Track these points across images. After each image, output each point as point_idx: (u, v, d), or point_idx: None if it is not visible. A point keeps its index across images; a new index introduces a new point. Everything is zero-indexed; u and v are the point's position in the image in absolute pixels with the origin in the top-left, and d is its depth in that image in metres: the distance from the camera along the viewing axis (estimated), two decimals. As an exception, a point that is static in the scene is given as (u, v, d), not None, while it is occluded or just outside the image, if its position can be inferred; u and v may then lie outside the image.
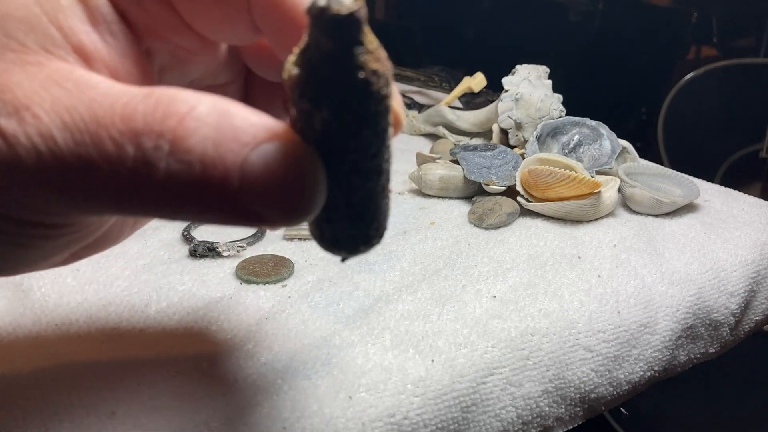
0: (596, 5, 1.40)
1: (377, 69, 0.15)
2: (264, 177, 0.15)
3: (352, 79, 0.15)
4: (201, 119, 0.15)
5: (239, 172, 0.15)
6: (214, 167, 0.15)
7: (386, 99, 0.16)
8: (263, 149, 0.15)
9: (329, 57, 0.14)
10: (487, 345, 0.33)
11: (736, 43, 1.35)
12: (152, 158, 0.14)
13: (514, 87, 0.59)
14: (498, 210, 0.47)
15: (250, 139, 0.15)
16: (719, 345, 0.44)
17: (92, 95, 0.15)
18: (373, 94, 0.15)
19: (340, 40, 0.14)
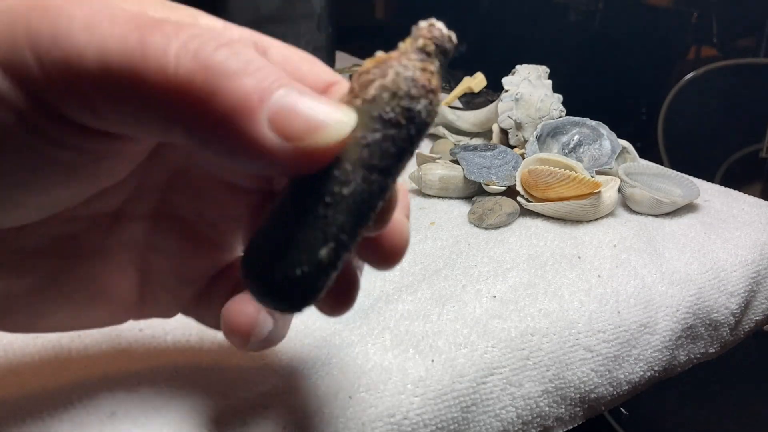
0: (596, 5, 1.40)
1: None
2: (294, 119, 0.15)
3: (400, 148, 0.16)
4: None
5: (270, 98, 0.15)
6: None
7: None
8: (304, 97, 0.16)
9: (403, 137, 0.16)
10: (487, 345, 0.33)
11: (736, 43, 1.35)
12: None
13: (514, 87, 0.59)
14: (498, 210, 0.47)
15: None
16: (719, 345, 0.44)
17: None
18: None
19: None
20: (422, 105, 0.16)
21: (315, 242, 0.16)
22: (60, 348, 0.30)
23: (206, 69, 0.15)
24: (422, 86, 0.16)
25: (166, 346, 0.31)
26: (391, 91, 0.16)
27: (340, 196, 0.16)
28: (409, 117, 0.16)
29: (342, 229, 0.16)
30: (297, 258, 0.16)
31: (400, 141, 0.16)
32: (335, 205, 0.16)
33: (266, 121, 0.15)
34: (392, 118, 0.16)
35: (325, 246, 0.16)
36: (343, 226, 0.16)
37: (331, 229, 0.16)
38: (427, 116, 0.16)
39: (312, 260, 0.16)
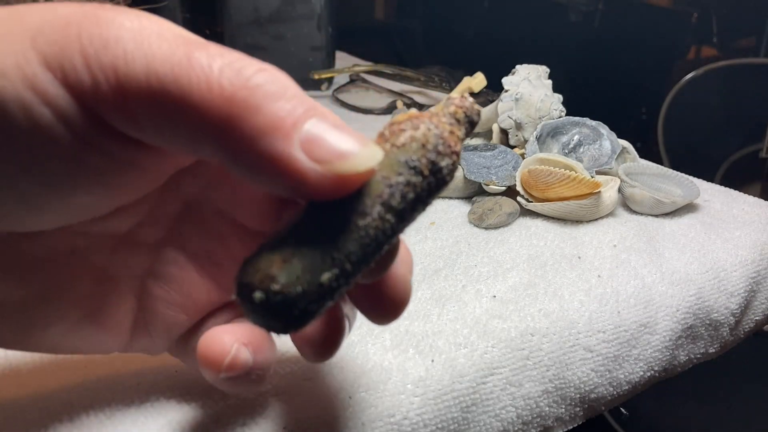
0: (596, 5, 1.40)
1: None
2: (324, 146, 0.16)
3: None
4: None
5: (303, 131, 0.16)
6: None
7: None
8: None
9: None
10: (487, 345, 0.33)
11: (736, 43, 1.35)
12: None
13: (514, 87, 0.59)
14: (498, 210, 0.47)
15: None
16: (719, 345, 0.44)
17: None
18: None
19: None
20: (446, 163, 0.18)
21: (321, 264, 0.16)
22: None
23: (247, 87, 0.16)
24: (448, 146, 0.18)
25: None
26: (420, 142, 0.17)
27: (354, 226, 0.17)
28: (432, 170, 0.17)
29: (348, 259, 0.17)
30: (300, 275, 0.16)
31: (420, 190, 0.17)
32: (348, 234, 0.17)
33: (298, 144, 0.16)
34: (417, 167, 0.17)
35: (329, 271, 0.16)
36: (350, 256, 0.17)
37: (338, 256, 0.16)
38: (447, 175, 0.18)
39: (313, 281, 0.16)
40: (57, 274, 0.21)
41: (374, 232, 0.17)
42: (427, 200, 0.18)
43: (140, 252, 0.23)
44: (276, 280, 0.16)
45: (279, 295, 0.16)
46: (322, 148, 0.16)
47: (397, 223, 0.17)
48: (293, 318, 0.17)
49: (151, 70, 0.16)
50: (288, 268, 0.16)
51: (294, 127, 0.16)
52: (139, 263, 0.23)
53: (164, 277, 0.24)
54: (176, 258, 0.24)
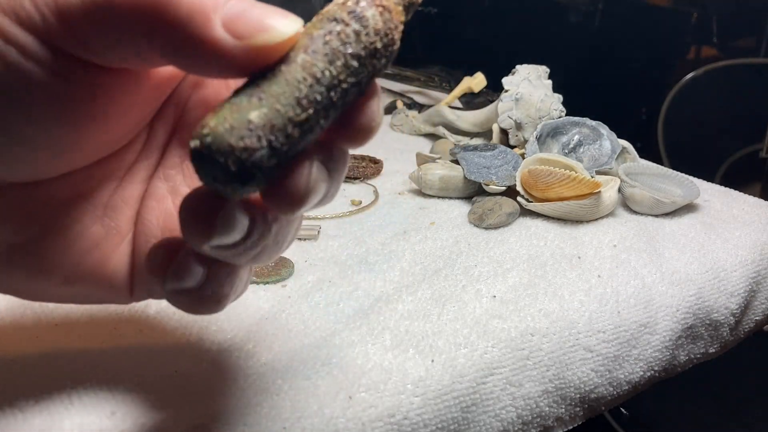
0: (596, 5, 1.40)
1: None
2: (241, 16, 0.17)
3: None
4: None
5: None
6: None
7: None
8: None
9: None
10: (487, 345, 0.33)
11: (736, 43, 1.34)
12: None
13: (514, 87, 0.59)
14: (498, 210, 0.47)
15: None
16: (719, 345, 0.44)
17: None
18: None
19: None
20: (370, 12, 0.18)
21: (248, 105, 0.17)
22: (60, 348, 0.30)
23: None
24: (371, 0, 0.18)
25: (166, 346, 0.31)
26: (340, 2, 0.18)
27: (278, 72, 0.17)
28: (354, 17, 0.18)
29: (276, 98, 0.17)
30: (228, 115, 0.17)
31: (345, 36, 0.18)
32: (272, 78, 0.17)
33: (220, 24, 0.17)
34: (337, 17, 0.18)
35: (258, 109, 0.17)
36: (278, 96, 0.17)
37: (264, 96, 0.17)
38: (376, 23, 0.18)
39: (242, 118, 0.17)
40: (60, 217, 0.22)
41: (301, 75, 0.17)
42: (362, 48, 0.18)
43: (135, 189, 0.24)
44: (207, 125, 0.17)
45: (209, 136, 0.17)
46: (242, 24, 0.17)
47: (329, 67, 0.17)
48: (232, 159, 0.17)
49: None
50: (217, 114, 0.17)
51: (214, 10, 0.17)
52: (133, 201, 0.24)
53: (146, 210, 0.25)
54: (159, 190, 0.25)
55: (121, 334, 0.32)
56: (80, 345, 0.31)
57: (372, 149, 0.62)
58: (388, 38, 0.18)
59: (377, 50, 0.18)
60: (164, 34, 0.17)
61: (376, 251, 0.43)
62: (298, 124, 0.17)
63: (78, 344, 0.31)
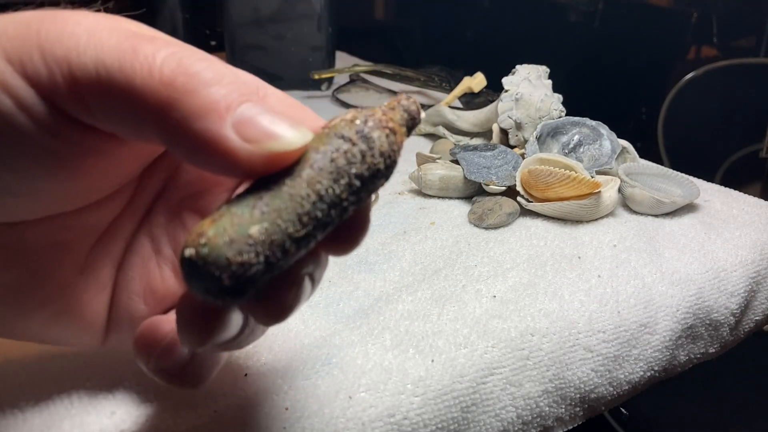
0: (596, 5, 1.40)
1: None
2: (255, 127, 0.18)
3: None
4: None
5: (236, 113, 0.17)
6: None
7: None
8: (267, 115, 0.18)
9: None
10: (487, 345, 0.33)
11: (736, 43, 1.34)
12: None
13: (514, 87, 0.59)
14: (498, 210, 0.47)
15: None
16: (719, 345, 0.44)
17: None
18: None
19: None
20: (377, 134, 0.18)
21: (249, 218, 0.17)
22: (60, 348, 0.30)
23: (186, 74, 0.17)
24: (379, 120, 0.19)
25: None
26: (348, 119, 0.18)
27: (283, 186, 0.17)
28: (361, 136, 0.18)
29: (278, 213, 0.17)
30: (228, 228, 0.16)
31: (351, 155, 0.18)
32: (276, 192, 0.17)
33: (231, 125, 0.17)
34: (345, 135, 0.18)
35: (259, 224, 0.17)
36: (280, 211, 0.17)
37: (266, 210, 0.17)
38: (382, 145, 0.18)
39: (241, 232, 0.16)
40: (40, 263, 0.22)
41: (305, 191, 0.17)
42: (363, 168, 0.18)
43: (118, 243, 0.24)
44: (204, 235, 0.16)
45: (206, 247, 0.16)
46: (253, 128, 0.17)
47: (332, 185, 0.18)
48: (226, 274, 0.16)
49: (99, 61, 0.17)
50: (217, 223, 0.17)
51: (227, 110, 0.17)
52: (116, 254, 0.24)
53: (129, 266, 0.25)
54: (143, 248, 0.25)
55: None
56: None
57: (372, 149, 0.62)
58: (390, 159, 0.19)
59: (380, 171, 0.18)
60: (173, 123, 0.17)
61: (376, 251, 0.43)
62: (297, 240, 0.17)
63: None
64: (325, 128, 0.19)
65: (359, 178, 0.18)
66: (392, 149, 0.19)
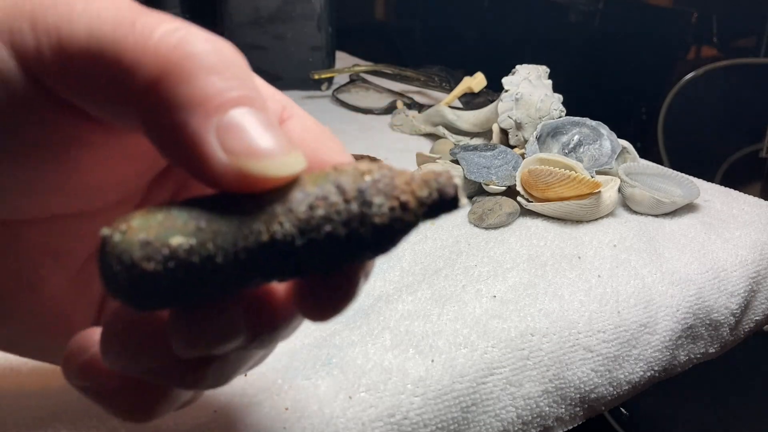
0: (596, 5, 1.40)
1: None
2: (243, 135, 0.15)
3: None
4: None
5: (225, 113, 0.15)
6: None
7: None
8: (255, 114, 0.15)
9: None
10: (487, 345, 0.33)
11: (736, 43, 1.35)
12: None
13: (514, 87, 0.59)
14: (498, 210, 0.47)
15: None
16: (719, 345, 0.44)
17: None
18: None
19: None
20: (379, 201, 0.15)
21: (181, 227, 0.14)
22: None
23: (184, 54, 0.15)
24: (393, 187, 0.15)
25: (166, 346, 0.31)
26: (361, 172, 0.15)
27: (237, 213, 0.15)
28: (358, 197, 0.15)
29: (213, 235, 0.14)
30: (153, 226, 0.14)
31: (335, 212, 0.15)
32: (226, 215, 0.15)
33: (215, 128, 0.15)
34: (342, 186, 0.15)
35: (185, 237, 0.14)
36: (217, 234, 0.14)
37: (203, 226, 0.14)
38: (380, 217, 0.15)
39: (163, 237, 0.14)
40: (31, 270, 0.21)
41: (257, 227, 0.14)
42: (347, 236, 0.15)
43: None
44: (128, 222, 0.14)
45: (121, 234, 0.14)
46: (237, 139, 0.15)
47: (294, 232, 0.15)
48: (129, 273, 0.14)
49: (93, 31, 0.15)
50: (148, 216, 0.15)
51: (217, 109, 0.15)
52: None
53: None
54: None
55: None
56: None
57: (372, 149, 0.62)
58: (384, 236, 0.15)
59: (363, 241, 0.15)
60: (155, 106, 0.15)
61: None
62: (221, 273, 0.14)
63: (78, 344, 0.31)
64: (332, 168, 0.16)
65: (332, 240, 0.15)
66: (392, 226, 0.15)
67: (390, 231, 0.15)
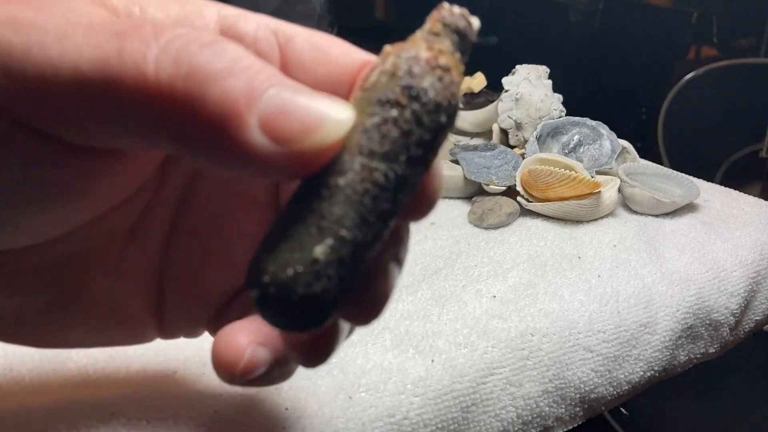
0: (596, 5, 1.40)
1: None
2: (278, 116, 0.14)
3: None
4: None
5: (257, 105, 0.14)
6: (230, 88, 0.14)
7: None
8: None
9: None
10: (487, 345, 0.33)
11: (736, 43, 1.35)
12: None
13: (514, 87, 0.59)
14: (498, 210, 0.47)
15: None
16: (719, 345, 0.44)
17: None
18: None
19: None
20: (428, 82, 0.15)
21: (308, 239, 0.14)
22: (60, 349, 0.30)
23: (188, 73, 0.14)
24: (426, 62, 0.15)
25: (166, 346, 0.31)
26: (389, 73, 0.15)
27: (336, 188, 0.14)
28: (410, 96, 0.15)
29: (340, 223, 0.14)
30: (289, 257, 0.14)
31: (404, 122, 0.15)
32: (330, 198, 0.14)
33: (257, 126, 0.14)
34: (391, 99, 0.15)
35: (321, 243, 0.14)
36: (341, 220, 0.14)
37: (326, 224, 0.14)
38: (437, 94, 0.15)
39: (305, 258, 0.14)
40: (71, 278, 0.20)
41: (363, 186, 0.14)
42: (423, 130, 0.15)
43: (149, 242, 0.22)
44: (266, 271, 0.14)
45: (272, 286, 0.14)
46: (285, 125, 0.14)
47: (390, 165, 0.15)
48: (302, 307, 0.14)
49: (79, 72, 0.14)
50: (275, 255, 0.14)
51: (248, 106, 0.14)
52: (149, 254, 0.22)
53: (178, 263, 0.23)
54: (187, 242, 0.22)
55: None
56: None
57: (372, 149, 0.62)
58: (452, 106, 0.15)
59: (443, 126, 0.15)
60: (190, 138, 0.14)
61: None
62: (368, 244, 0.15)
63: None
64: (363, 89, 0.15)
65: (420, 146, 0.15)
66: (452, 92, 0.15)
67: (451, 99, 0.15)
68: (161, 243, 0.22)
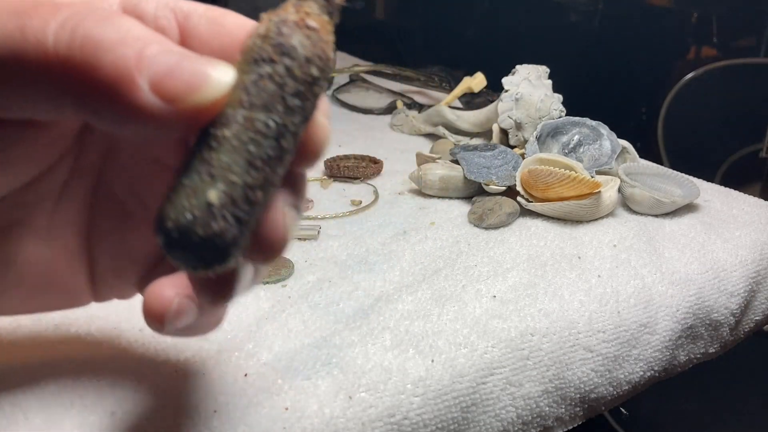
0: (596, 5, 1.40)
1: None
2: (165, 68, 0.16)
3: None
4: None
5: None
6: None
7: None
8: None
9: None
10: (487, 345, 0.33)
11: (736, 43, 1.35)
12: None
13: (514, 87, 0.59)
14: (498, 210, 0.47)
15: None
16: (719, 345, 0.44)
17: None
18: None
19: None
20: (296, 40, 0.17)
21: (202, 185, 0.16)
22: (60, 348, 0.30)
23: (85, 43, 0.16)
24: (294, 23, 0.17)
25: (166, 346, 0.31)
26: (262, 36, 0.17)
27: (223, 139, 0.16)
28: (282, 52, 0.17)
29: (230, 169, 0.16)
30: (187, 203, 0.16)
31: (278, 76, 0.16)
32: (218, 148, 0.16)
33: (147, 87, 0.16)
34: (264, 57, 0.17)
35: (214, 188, 0.16)
36: (230, 166, 0.16)
37: (216, 171, 0.16)
38: (305, 50, 0.17)
39: (201, 202, 0.16)
40: (1, 245, 0.22)
41: (247, 135, 0.16)
42: (297, 83, 0.17)
43: (74, 208, 0.23)
44: (168, 217, 0.16)
45: (174, 231, 0.16)
46: (172, 84, 0.16)
47: (269, 116, 0.16)
48: (204, 246, 0.16)
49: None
50: (175, 203, 0.16)
51: (138, 68, 0.16)
52: (75, 219, 0.24)
53: (102, 227, 0.24)
54: (109, 206, 0.24)
55: (121, 333, 0.32)
56: (79, 345, 0.31)
57: (372, 149, 0.62)
58: (322, 60, 0.17)
59: (315, 78, 0.17)
60: (89, 102, 0.16)
61: (376, 251, 0.43)
62: (258, 186, 0.17)
63: (77, 345, 0.31)
64: (242, 53, 0.17)
65: (296, 96, 0.17)
66: (320, 48, 0.17)
67: (321, 55, 0.17)
68: (86, 208, 0.24)
